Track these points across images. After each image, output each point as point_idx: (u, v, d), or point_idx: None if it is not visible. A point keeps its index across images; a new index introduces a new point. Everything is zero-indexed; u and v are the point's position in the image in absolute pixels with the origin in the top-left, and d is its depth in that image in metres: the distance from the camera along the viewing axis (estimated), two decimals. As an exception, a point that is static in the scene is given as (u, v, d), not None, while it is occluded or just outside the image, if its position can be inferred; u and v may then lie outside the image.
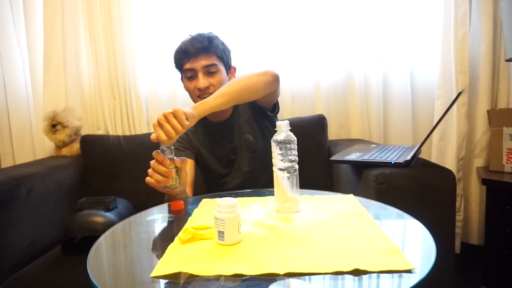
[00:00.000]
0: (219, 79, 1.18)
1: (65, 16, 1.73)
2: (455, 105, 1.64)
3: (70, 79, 1.78)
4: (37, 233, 1.31)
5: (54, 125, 1.66)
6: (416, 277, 0.53)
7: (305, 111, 1.78)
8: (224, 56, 1.22)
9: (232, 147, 1.26)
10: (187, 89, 1.22)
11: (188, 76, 1.18)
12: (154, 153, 0.89)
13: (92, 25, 1.75)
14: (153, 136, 0.87)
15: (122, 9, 1.73)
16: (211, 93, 1.09)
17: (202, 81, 1.15)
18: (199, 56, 1.15)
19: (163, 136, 0.85)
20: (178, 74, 1.80)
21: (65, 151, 1.69)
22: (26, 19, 1.79)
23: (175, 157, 0.91)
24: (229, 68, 1.25)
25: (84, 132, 1.78)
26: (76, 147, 1.69)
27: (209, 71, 1.17)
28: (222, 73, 1.19)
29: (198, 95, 1.17)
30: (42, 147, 1.83)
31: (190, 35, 1.21)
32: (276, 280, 0.54)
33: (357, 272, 0.55)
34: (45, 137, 1.73)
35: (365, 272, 0.55)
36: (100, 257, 0.71)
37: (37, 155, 1.85)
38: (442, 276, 1.02)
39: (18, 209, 1.23)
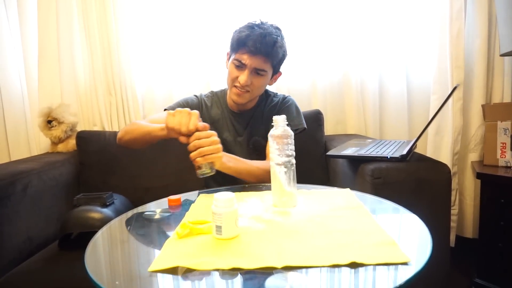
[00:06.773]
0: (261, 82, 1.20)
1: (60, 11, 1.71)
2: (450, 100, 1.65)
3: (65, 75, 1.76)
4: (33, 229, 1.30)
5: (49, 121, 1.65)
6: (412, 270, 0.54)
7: (302, 107, 1.75)
8: (278, 65, 1.23)
9: (239, 141, 1.29)
10: (229, 71, 1.21)
11: (236, 64, 1.17)
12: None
13: (86, 20, 1.73)
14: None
15: (116, 3, 1.71)
16: (248, 92, 1.19)
17: (246, 79, 1.15)
18: (256, 56, 1.14)
19: (171, 123, 0.93)
20: (174, 69, 1.83)
21: (61, 147, 1.68)
22: (20, 15, 1.76)
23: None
24: (276, 73, 1.26)
25: (80, 128, 1.77)
26: (72, 143, 1.68)
27: (257, 72, 1.17)
28: (266, 78, 1.21)
29: (235, 85, 1.19)
30: (38, 143, 1.82)
31: (259, 26, 1.16)
32: (273, 274, 0.55)
33: (353, 265, 0.55)
34: (40, 133, 1.71)
35: (361, 265, 0.55)
36: (98, 252, 0.71)
37: (33, 151, 1.83)
38: (437, 269, 1.03)
39: (14, 206, 1.23)
